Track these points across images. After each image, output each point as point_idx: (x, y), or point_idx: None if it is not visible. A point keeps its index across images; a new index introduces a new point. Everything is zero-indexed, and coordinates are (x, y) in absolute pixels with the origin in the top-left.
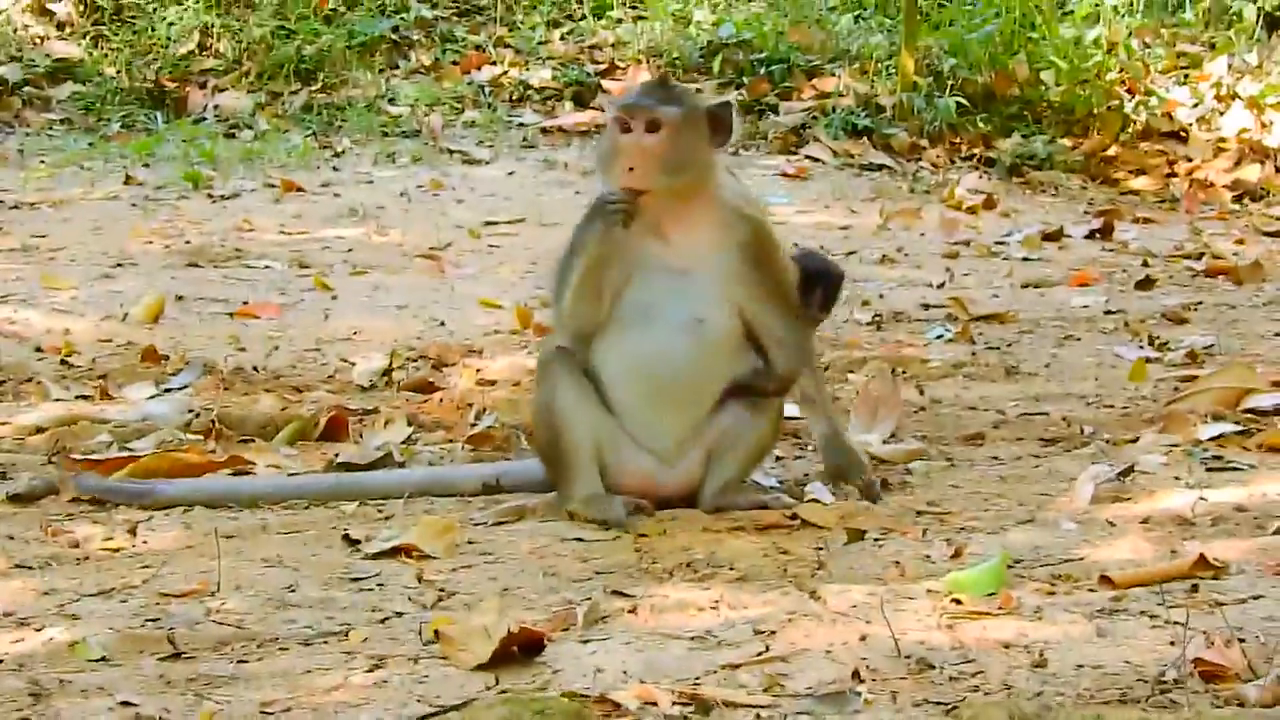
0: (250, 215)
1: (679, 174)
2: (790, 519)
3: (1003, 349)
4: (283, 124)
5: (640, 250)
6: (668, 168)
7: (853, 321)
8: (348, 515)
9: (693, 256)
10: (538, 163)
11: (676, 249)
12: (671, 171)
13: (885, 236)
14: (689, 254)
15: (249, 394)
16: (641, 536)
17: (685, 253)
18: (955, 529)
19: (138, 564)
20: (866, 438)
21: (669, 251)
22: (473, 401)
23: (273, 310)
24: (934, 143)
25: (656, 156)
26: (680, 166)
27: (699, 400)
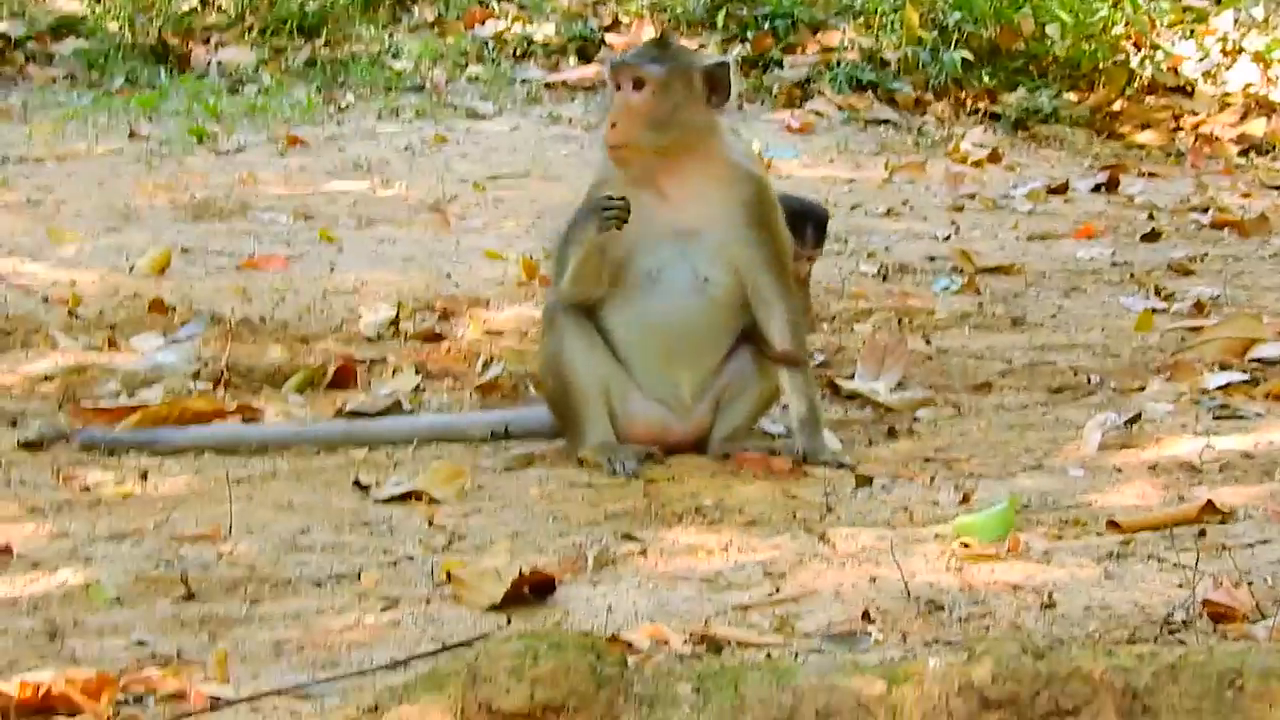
0: (255, 169)
1: (664, 131)
2: (798, 464)
3: (1009, 300)
4: (287, 79)
5: (645, 213)
6: (652, 124)
7: (859, 274)
8: (358, 462)
9: (697, 217)
10: (541, 117)
11: (681, 210)
12: (656, 129)
13: (891, 190)
14: (693, 214)
15: (257, 344)
16: (651, 482)
17: (690, 213)
18: (963, 475)
19: (150, 509)
20: (874, 386)
21: (673, 213)
22: (480, 351)
23: (279, 263)
24: (939, 97)
25: (641, 114)
26: (665, 124)
27: (707, 356)
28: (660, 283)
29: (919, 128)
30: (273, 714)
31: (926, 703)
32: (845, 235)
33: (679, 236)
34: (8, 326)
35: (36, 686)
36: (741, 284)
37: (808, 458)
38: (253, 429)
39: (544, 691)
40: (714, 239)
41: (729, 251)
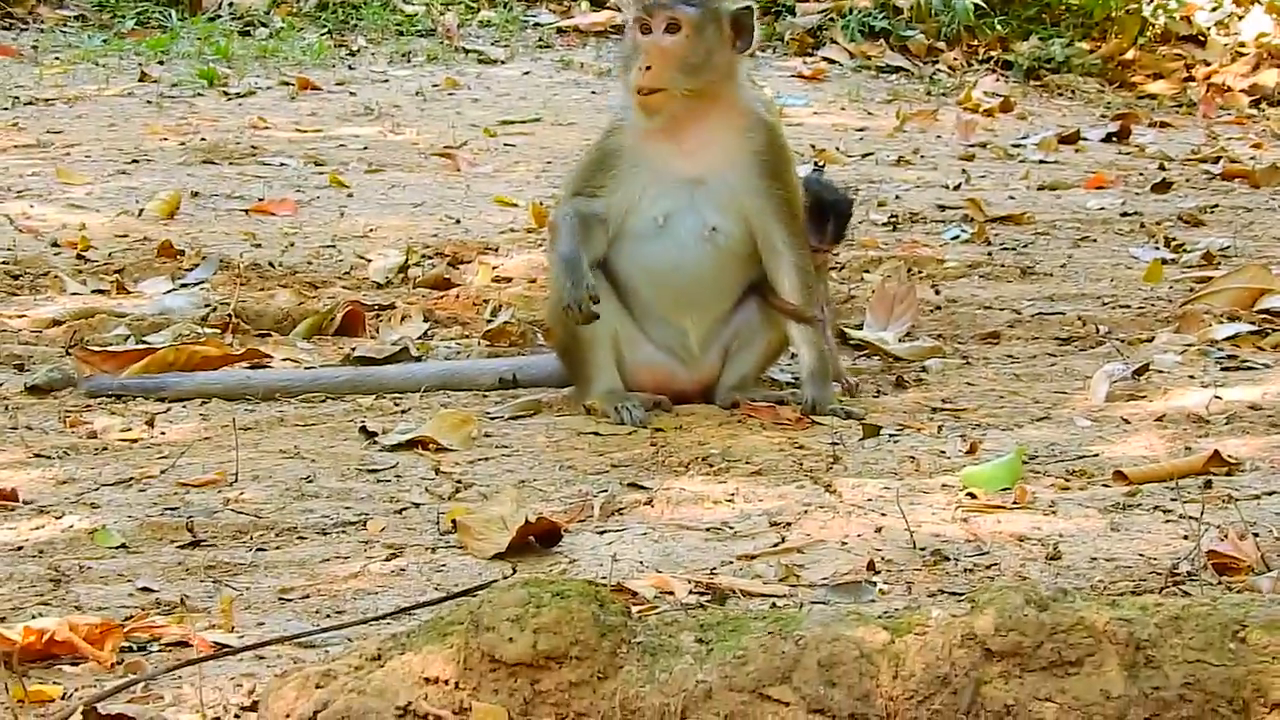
0: (265, 113)
1: (697, 75)
2: (806, 414)
3: (1018, 250)
4: (298, 22)
5: (654, 160)
6: (686, 68)
7: (869, 222)
8: (364, 408)
9: (707, 164)
10: (553, 63)
11: (692, 156)
12: (689, 72)
13: (902, 138)
14: (704, 161)
15: (265, 289)
16: (658, 431)
17: (700, 160)
18: (970, 425)
19: (156, 454)
20: (883, 334)
21: (683, 159)
22: (489, 298)
23: (288, 207)
24: (951, 45)
25: (675, 57)
26: (698, 68)
27: (716, 305)
28: (668, 230)
29: (931, 76)
30: (276, 662)
31: (929, 653)
32: (856, 184)
33: (687, 184)
34: (16, 270)
35: (41, 633)
36: (751, 234)
37: (815, 408)
38: (260, 375)
39: (546, 640)
40: (723, 187)
41: (738, 201)
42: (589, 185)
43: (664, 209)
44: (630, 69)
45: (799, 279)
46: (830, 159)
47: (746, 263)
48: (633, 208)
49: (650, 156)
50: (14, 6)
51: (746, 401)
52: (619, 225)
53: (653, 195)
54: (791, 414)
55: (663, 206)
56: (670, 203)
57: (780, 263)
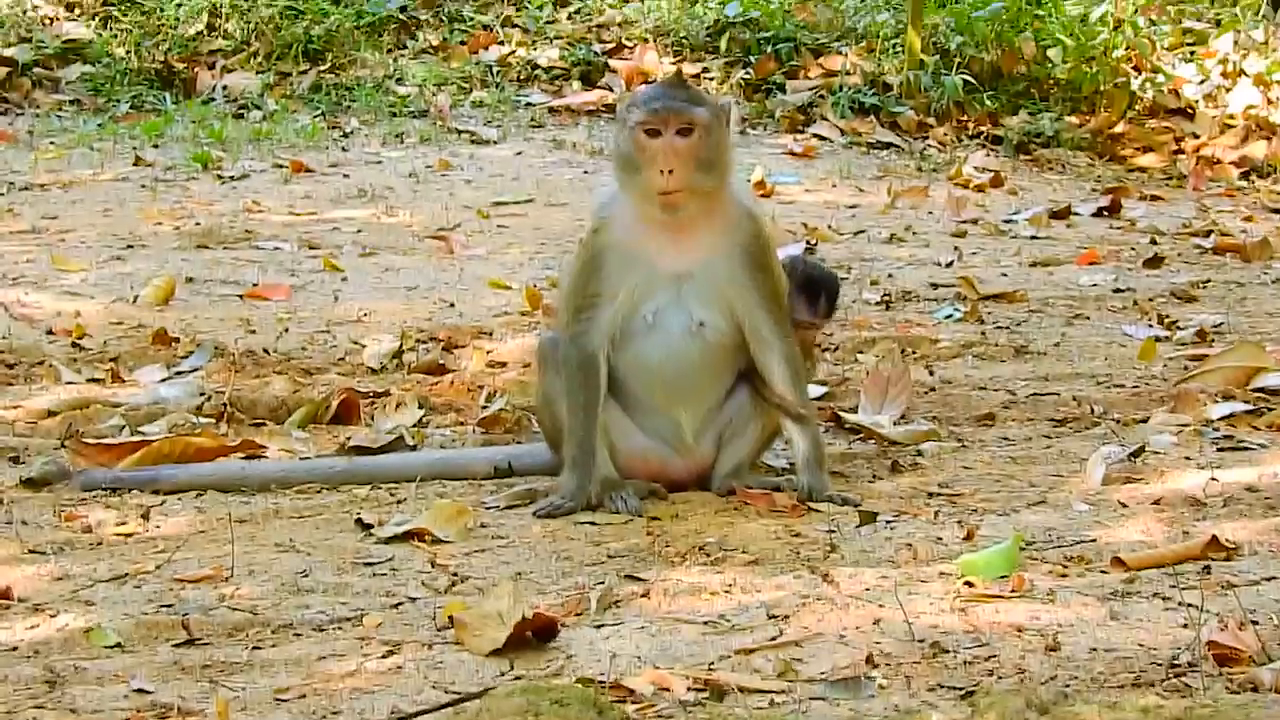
0: (259, 196)
1: (712, 173)
2: (802, 501)
3: (1012, 328)
4: (291, 104)
5: (642, 257)
6: (703, 167)
7: (861, 301)
8: (360, 499)
9: (694, 259)
10: (545, 142)
11: (679, 251)
12: (707, 170)
13: (893, 215)
14: (691, 256)
15: (260, 376)
16: (654, 520)
17: (687, 255)
18: (967, 511)
19: (151, 549)
20: (877, 418)
21: (672, 254)
22: (483, 384)
23: (283, 292)
24: (941, 120)
25: (693, 158)
26: (713, 165)
27: (706, 397)
28: (656, 327)
29: (921, 152)
30: None
31: None
32: (848, 263)
33: (674, 279)
34: (11, 359)
35: None
36: (738, 325)
37: (811, 494)
38: (255, 466)
39: None
40: (710, 281)
41: (724, 294)
42: (584, 301)
43: (653, 306)
44: (639, 172)
45: (787, 369)
46: (822, 237)
47: (735, 354)
48: (621, 307)
49: (638, 254)
50: (9, 91)
51: (742, 488)
52: (613, 332)
53: (641, 293)
54: (787, 500)
55: (652, 304)
56: (659, 299)
57: (768, 353)
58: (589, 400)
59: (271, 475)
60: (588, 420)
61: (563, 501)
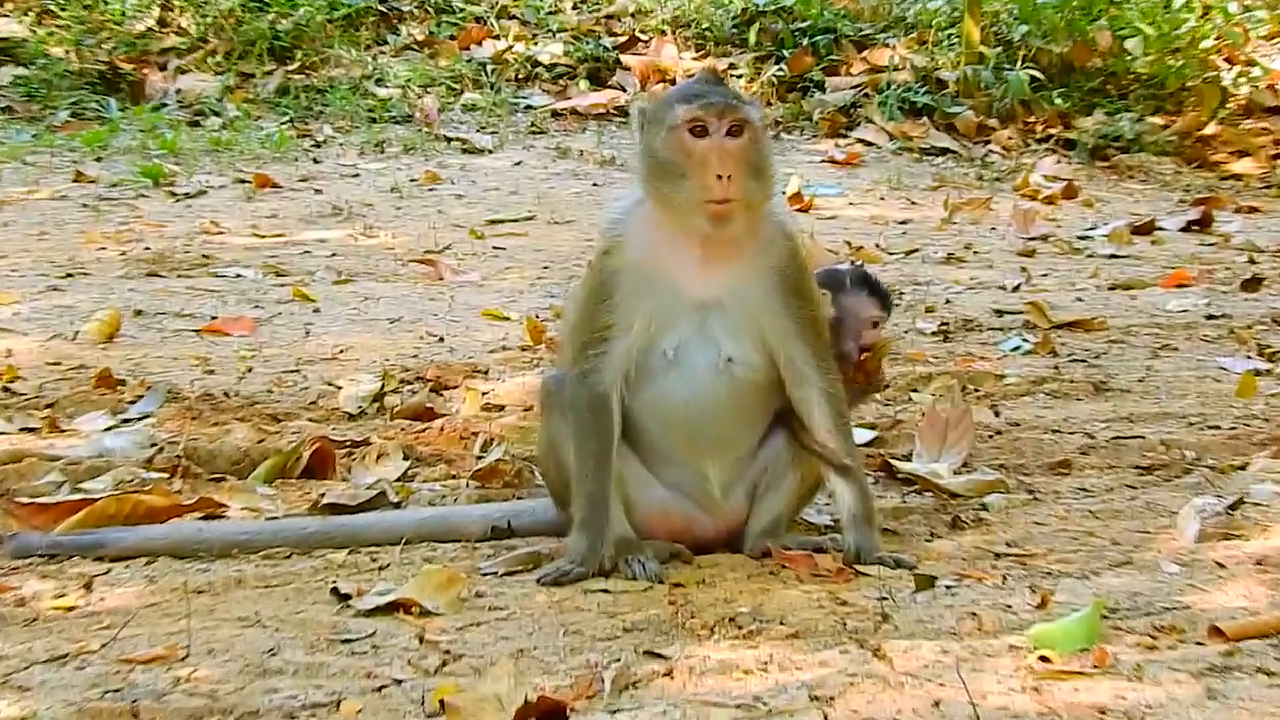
0: (218, 216)
1: (761, 183)
2: (848, 563)
3: (1089, 361)
4: (255, 110)
5: (660, 284)
6: (756, 174)
7: (915, 331)
8: (336, 565)
9: (722, 284)
10: (548, 150)
11: (704, 276)
12: (757, 179)
13: (951, 231)
14: (718, 281)
15: (219, 424)
16: (677, 587)
17: (714, 280)
18: (1040, 573)
19: (95, 625)
20: (935, 467)
21: (696, 280)
22: (478, 430)
23: (246, 326)
24: (1004, 122)
25: (746, 163)
26: (761, 173)
27: (737, 444)
28: (678, 364)
29: (982, 158)
30: None
31: None
32: (900, 287)
33: (698, 308)
34: None
35: None
36: (772, 361)
37: (859, 556)
38: (215, 528)
39: None
40: (738, 310)
41: (756, 325)
42: (593, 333)
43: (674, 340)
44: (679, 178)
45: (830, 408)
46: (869, 257)
47: (769, 393)
48: (637, 340)
49: (657, 278)
50: None
51: (779, 549)
52: (627, 369)
53: (660, 324)
54: (832, 563)
55: (672, 337)
56: (680, 332)
57: (807, 391)
58: (600, 448)
59: (233, 538)
60: (599, 472)
61: (571, 566)
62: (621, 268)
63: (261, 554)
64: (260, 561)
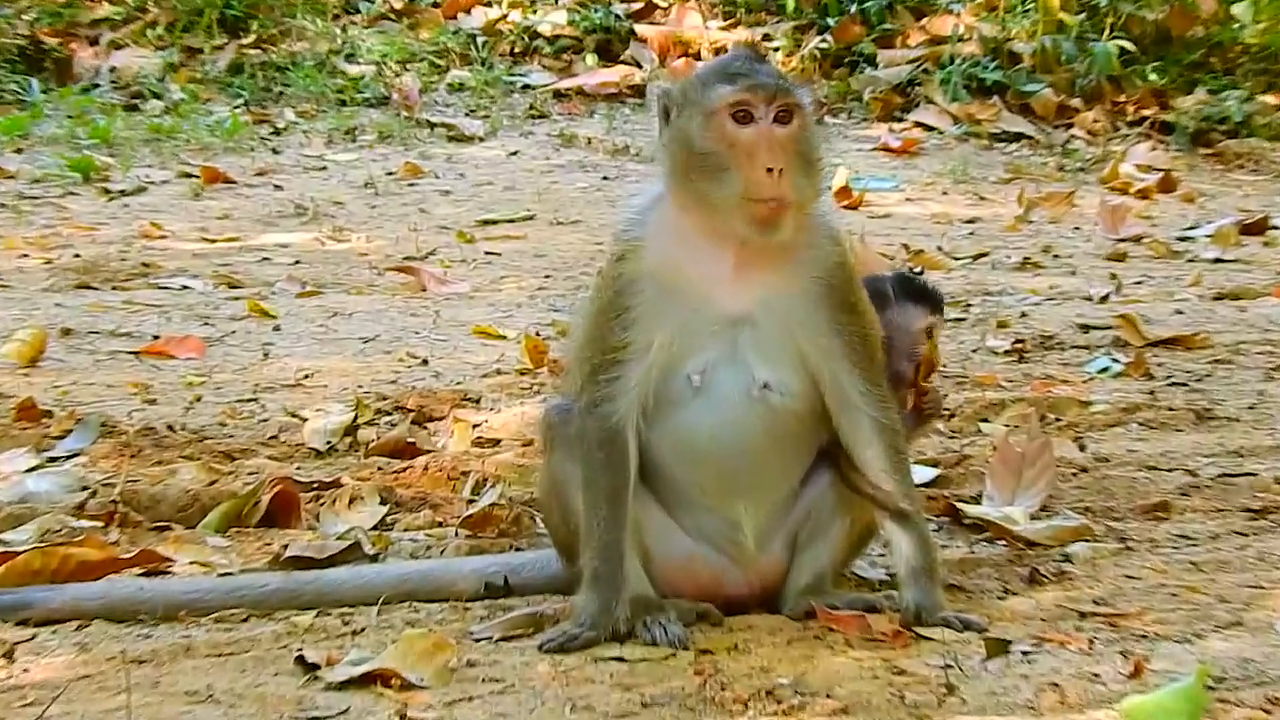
0: (160, 217)
1: (811, 180)
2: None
3: (1191, 385)
4: (203, 91)
5: (686, 293)
6: (804, 170)
7: (986, 350)
8: (302, 630)
9: (756, 296)
10: (550, 138)
11: (736, 287)
12: (809, 174)
13: (1026, 232)
14: (752, 293)
15: (163, 463)
16: (704, 654)
17: (747, 292)
18: (1133, 636)
19: (18, 700)
20: (1008, 511)
21: (725, 291)
22: (469, 469)
23: (193, 347)
24: (1089, 102)
25: (797, 155)
26: (811, 169)
27: (775, 485)
28: (706, 391)
29: (1063, 145)
30: None
31: None
32: (966, 298)
33: (729, 325)
34: None
35: None
36: (815, 387)
37: (920, 616)
38: (158, 586)
39: None
40: (775, 328)
41: (797, 345)
42: (605, 355)
43: (699, 363)
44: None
45: (884, 442)
46: (930, 263)
47: (812, 425)
48: (657, 363)
49: (679, 291)
50: None
51: (824, 609)
52: (645, 397)
53: (684, 344)
54: (888, 625)
55: (698, 360)
56: (707, 353)
57: (858, 421)
58: (614, 491)
59: (180, 598)
60: (613, 518)
61: (580, 630)
62: (638, 277)
63: (214, 616)
64: (212, 626)
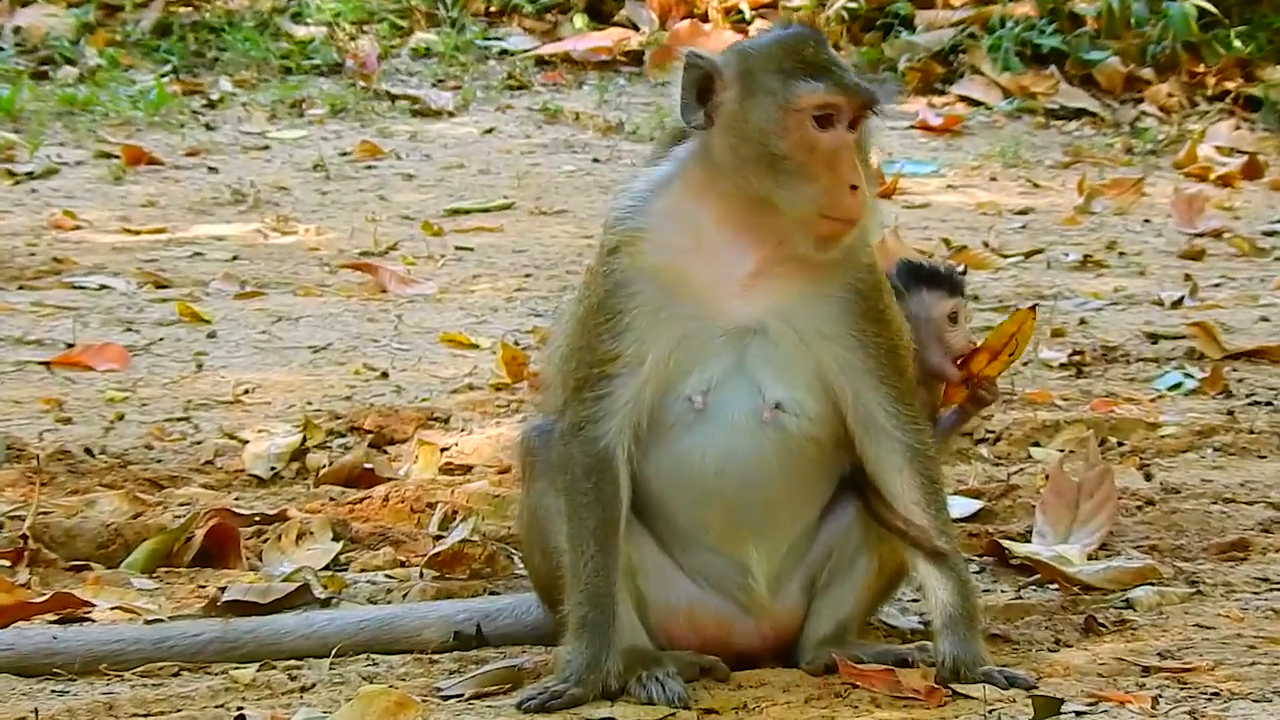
0: (75, 204)
1: (874, 191)
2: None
3: (1276, 405)
4: (124, 57)
5: (687, 298)
6: (870, 180)
7: (1039, 362)
8: (242, 685)
9: (768, 303)
10: (531, 113)
11: (745, 291)
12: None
13: (1088, 225)
14: (763, 299)
15: (80, 492)
16: (709, 714)
17: (758, 297)
18: (1204, 694)
19: None
20: (1062, 550)
21: (733, 296)
22: (436, 500)
23: (114, 357)
24: (1163, 73)
25: (863, 164)
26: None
27: (790, 522)
28: (710, 414)
29: (1132, 123)
30: None
31: None
32: (1016, 301)
33: (736, 336)
34: None
35: None
36: (836, 408)
37: (958, 670)
38: (75, 636)
39: None
40: (789, 339)
41: (814, 359)
42: (593, 368)
43: (703, 380)
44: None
45: (917, 471)
46: (974, 260)
47: (833, 452)
48: (652, 379)
49: (681, 294)
50: None
51: (847, 662)
52: (638, 418)
53: (685, 357)
54: (921, 681)
55: (702, 375)
56: (712, 368)
57: (886, 448)
58: (603, 527)
59: (102, 649)
60: (602, 558)
61: (564, 686)
62: (634, 275)
63: (140, 670)
64: (139, 681)
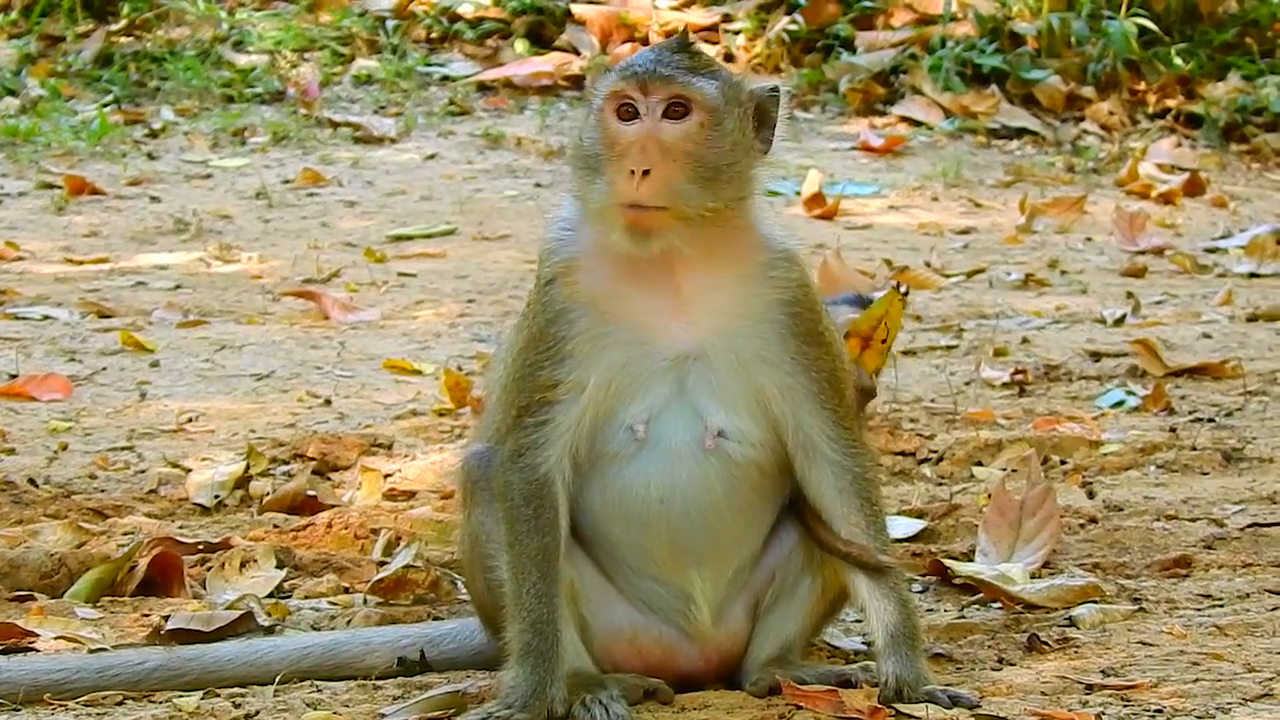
0: (17, 234)
1: (714, 188)
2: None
3: (1218, 422)
4: (66, 87)
5: (625, 324)
6: (700, 176)
7: (981, 382)
8: (186, 714)
9: (708, 328)
10: (473, 138)
11: (683, 317)
12: (706, 182)
13: (1030, 244)
14: (703, 324)
15: (23, 522)
16: None
17: (697, 322)
18: (1148, 711)
19: None
20: (1005, 569)
21: (671, 322)
22: (379, 527)
23: (57, 387)
24: (1104, 92)
25: (686, 155)
26: (717, 176)
27: (733, 549)
28: (651, 442)
29: (1073, 142)
30: None
31: None
32: (958, 321)
33: (675, 363)
34: None
35: None
36: (777, 433)
37: (900, 690)
38: (17, 665)
39: None
40: (729, 365)
41: (755, 385)
42: (533, 396)
43: (644, 407)
44: (598, 170)
45: (858, 494)
46: (917, 280)
47: (775, 479)
48: (592, 407)
49: (618, 322)
50: None
51: (791, 683)
52: (577, 445)
53: (625, 386)
54: (864, 701)
55: (642, 404)
56: (653, 396)
57: (825, 471)
58: (543, 553)
59: (45, 679)
60: (544, 584)
61: (509, 711)
62: (570, 305)
63: (84, 700)
64: (83, 710)
